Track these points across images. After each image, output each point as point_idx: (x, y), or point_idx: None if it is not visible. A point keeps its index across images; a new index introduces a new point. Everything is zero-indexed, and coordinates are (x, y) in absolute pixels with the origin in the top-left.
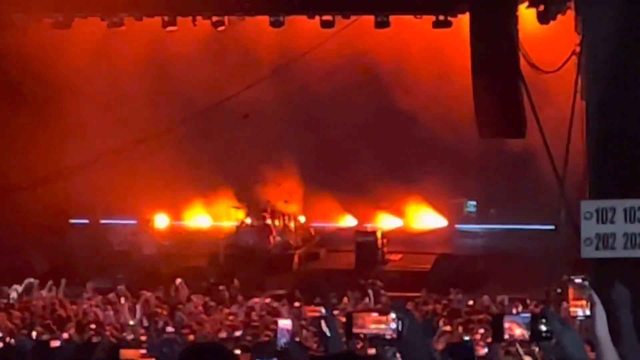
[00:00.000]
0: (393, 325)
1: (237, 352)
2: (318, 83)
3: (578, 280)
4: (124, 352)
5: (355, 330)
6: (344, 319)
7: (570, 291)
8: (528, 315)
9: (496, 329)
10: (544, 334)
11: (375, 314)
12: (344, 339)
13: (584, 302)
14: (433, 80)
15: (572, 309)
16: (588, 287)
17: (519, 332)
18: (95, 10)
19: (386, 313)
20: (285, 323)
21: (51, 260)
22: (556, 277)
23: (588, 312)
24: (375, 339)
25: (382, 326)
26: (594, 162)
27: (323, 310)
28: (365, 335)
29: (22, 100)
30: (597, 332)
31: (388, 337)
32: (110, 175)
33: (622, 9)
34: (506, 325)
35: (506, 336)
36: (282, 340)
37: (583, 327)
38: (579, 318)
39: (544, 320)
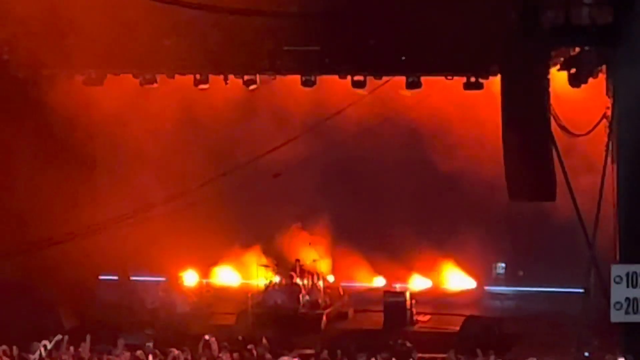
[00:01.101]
0: None
1: None
2: (349, 143)
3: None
4: None
5: None
6: None
7: None
8: None
9: None
10: None
11: None
12: None
13: None
14: (467, 141)
15: None
16: None
17: None
18: (128, 68)
19: None
20: None
21: (81, 317)
22: (585, 340)
23: None
24: None
25: None
26: (625, 226)
27: None
28: None
29: (56, 156)
30: None
31: None
32: (140, 232)
33: None
34: None
35: None
36: None
37: None
38: None
39: None
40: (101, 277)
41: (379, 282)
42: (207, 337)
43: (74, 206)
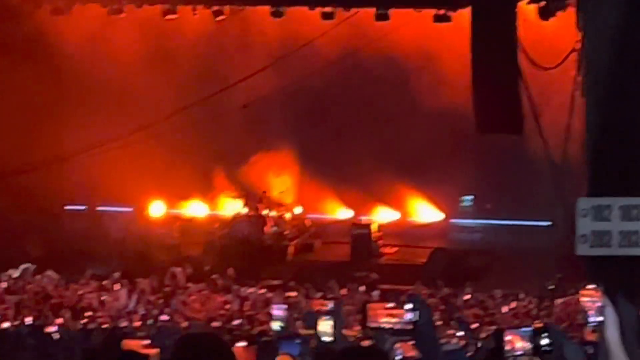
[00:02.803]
0: (409, 316)
1: (242, 344)
2: (317, 75)
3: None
4: (127, 343)
5: (369, 323)
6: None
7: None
8: (530, 329)
9: (496, 344)
10: (545, 348)
11: (390, 305)
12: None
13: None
14: (435, 74)
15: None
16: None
17: (520, 345)
18: None
19: (401, 304)
20: (280, 307)
21: (46, 246)
22: (551, 273)
23: (599, 318)
24: (390, 331)
25: (395, 319)
26: (592, 159)
27: (330, 304)
28: (380, 328)
29: (20, 86)
30: (607, 335)
31: (404, 328)
32: (107, 163)
33: (623, 6)
34: (508, 338)
35: (508, 348)
36: (277, 325)
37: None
38: (589, 325)
39: (545, 334)
40: (67, 207)
41: (345, 214)
42: (177, 270)
43: (40, 136)
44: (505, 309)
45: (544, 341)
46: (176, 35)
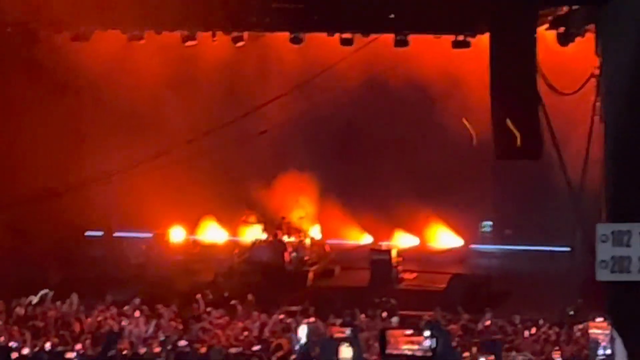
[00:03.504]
0: (427, 343)
1: None
2: (338, 101)
3: (599, 319)
4: None
5: (388, 350)
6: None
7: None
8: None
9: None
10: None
11: (408, 332)
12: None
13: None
14: (454, 99)
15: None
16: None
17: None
18: (116, 24)
19: (420, 331)
20: (303, 329)
21: (66, 272)
22: (571, 298)
23: (609, 351)
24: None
25: (415, 346)
26: (611, 185)
27: (348, 331)
28: (399, 355)
29: (43, 112)
30: None
31: (422, 354)
32: (127, 188)
33: None
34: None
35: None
36: (299, 344)
37: None
38: (598, 358)
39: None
40: (87, 234)
41: (365, 239)
42: (198, 296)
43: (60, 162)
44: (525, 334)
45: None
46: (196, 61)
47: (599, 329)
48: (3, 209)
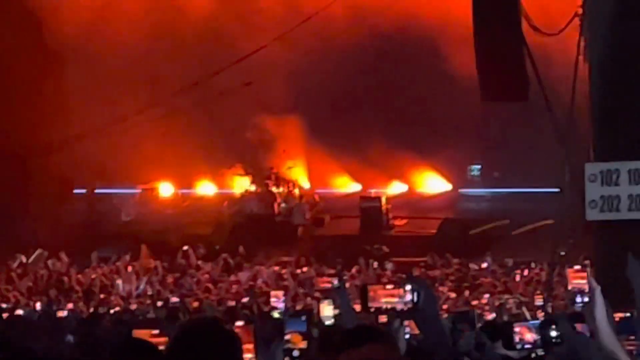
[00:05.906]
0: (408, 297)
1: (240, 323)
2: (322, 48)
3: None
4: (136, 332)
5: (370, 304)
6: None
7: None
8: (538, 321)
9: (507, 337)
10: (554, 340)
11: (389, 286)
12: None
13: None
14: (439, 43)
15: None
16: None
17: (529, 337)
18: None
19: (401, 285)
20: (279, 300)
21: (55, 229)
22: (561, 239)
23: (587, 299)
24: (390, 312)
25: (395, 299)
26: (598, 124)
27: (335, 282)
28: (380, 308)
29: (27, 70)
30: (595, 317)
31: (403, 309)
32: (113, 145)
33: None
34: (516, 329)
35: (517, 340)
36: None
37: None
38: (577, 306)
39: (554, 326)
40: (75, 191)
41: (354, 187)
42: (185, 248)
43: (46, 120)
44: (517, 278)
45: (553, 333)
46: (179, 14)
47: (578, 278)
48: None
